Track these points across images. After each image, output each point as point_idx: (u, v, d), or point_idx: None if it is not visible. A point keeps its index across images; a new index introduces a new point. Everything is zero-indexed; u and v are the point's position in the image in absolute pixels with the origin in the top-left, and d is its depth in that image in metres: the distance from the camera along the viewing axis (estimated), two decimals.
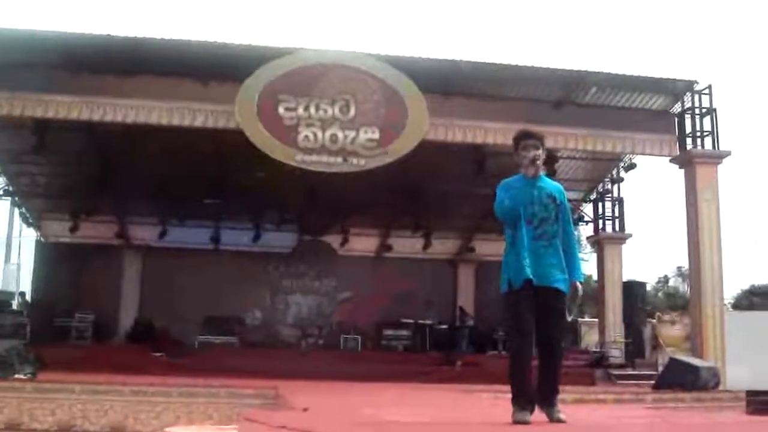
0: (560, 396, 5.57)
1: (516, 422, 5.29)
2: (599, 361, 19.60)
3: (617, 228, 23.43)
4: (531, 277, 5.39)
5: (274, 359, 17.78)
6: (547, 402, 5.44)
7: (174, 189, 20.76)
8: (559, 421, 5.38)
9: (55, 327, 20.41)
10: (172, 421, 11.42)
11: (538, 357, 5.52)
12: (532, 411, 5.37)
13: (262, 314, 25.17)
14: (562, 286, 5.50)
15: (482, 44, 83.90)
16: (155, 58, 15.62)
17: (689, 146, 17.76)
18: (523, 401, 5.36)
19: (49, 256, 24.66)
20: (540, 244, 5.49)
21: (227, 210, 23.11)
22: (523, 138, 5.72)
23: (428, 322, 22.64)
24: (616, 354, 20.78)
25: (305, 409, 7.06)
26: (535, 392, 5.46)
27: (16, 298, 22.87)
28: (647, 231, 68.43)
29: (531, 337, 5.44)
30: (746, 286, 50.53)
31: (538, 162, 5.65)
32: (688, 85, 17.78)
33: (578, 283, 5.63)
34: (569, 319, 5.68)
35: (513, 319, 5.50)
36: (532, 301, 5.42)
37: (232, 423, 9.21)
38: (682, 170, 17.92)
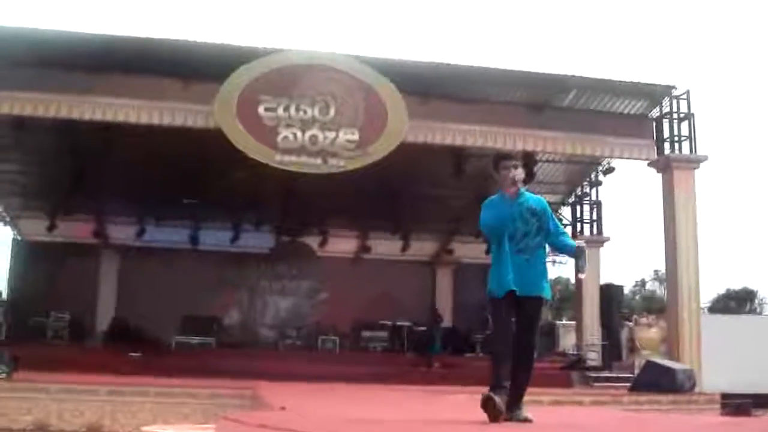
0: (539, 398, 5.86)
1: (487, 398, 5.53)
2: (576, 363, 19.67)
3: (595, 231, 23.53)
4: (514, 288, 5.73)
5: (251, 360, 17.73)
6: (515, 406, 5.71)
7: (153, 189, 20.68)
8: (527, 420, 5.67)
9: (31, 326, 20.30)
10: (148, 421, 11.38)
11: (513, 361, 5.77)
12: (502, 396, 5.65)
13: (240, 315, 25.14)
14: (544, 294, 5.90)
15: (462, 47, 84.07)
16: (135, 56, 15.52)
17: (667, 150, 17.86)
18: (499, 391, 5.62)
19: (26, 254, 24.51)
20: (523, 258, 5.82)
21: (206, 210, 23.04)
22: (502, 159, 6.03)
23: (406, 323, 22.67)
24: (593, 356, 20.87)
25: (282, 408, 7.06)
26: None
27: None
28: (625, 234, 68.82)
29: (511, 342, 5.75)
30: (722, 290, 51.02)
31: (518, 181, 5.93)
32: (666, 90, 17.90)
33: (579, 244, 6.06)
34: (583, 275, 6.06)
35: (495, 326, 5.88)
36: (514, 308, 5.77)
37: (209, 423, 9.18)
38: (660, 174, 18.02)
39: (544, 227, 5.92)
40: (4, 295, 22.93)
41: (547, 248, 6.07)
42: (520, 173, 5.94)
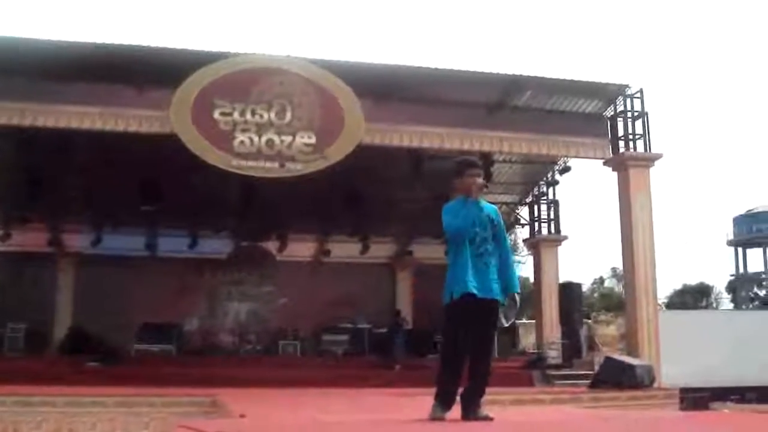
0: (500, 397, 5.90)
1: (434, 419, 5.80)
2: (537, 362, 19.77)
3: (553, 230, 23.70)
4: (474, 291, 5.82)
5: (212, 366, 17.63)
6: (474, 405, 5.82)
7: (108, 196, 20.46)
8: (487, 418, 5.78)
9: None
10: None
11: (470, 362, 5.89)
12: (449, 410, 5.86)
13: (200, 321, 24.93)
14: (499, 297, 5.98)
15: (418, 49, 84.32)
16: (88, 62, 15.32)
17: (622, 149, 18.04)
18: (446, 401, 5.86)
19: None
20: (482, 261, 5.94)
21: (163, 216, 22.79)
22: (470, 166, 6.13)
23: (366, 326, 22.64)
24: (554, 355, 20.98)
25: (242, 416, 7.01)
26: (461, 395, 5.88)
27: None
28: (583, 233, 69.43)
29: (465, 346, 5.87)
30: (679, 286, 51.73)
31: (482, 187, 6.14)
32: (620, 89, 18.07)
33: (516, 295, 6.11)
34: (506, 324, 6.16)
35: (451, 330, 5.95)
36: (471, 312, 5.82)
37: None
38: (616, 172, 18.19)
39: (498, 236, 6.10)
40: None
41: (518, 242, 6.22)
42: (483, 181, 6.17)
